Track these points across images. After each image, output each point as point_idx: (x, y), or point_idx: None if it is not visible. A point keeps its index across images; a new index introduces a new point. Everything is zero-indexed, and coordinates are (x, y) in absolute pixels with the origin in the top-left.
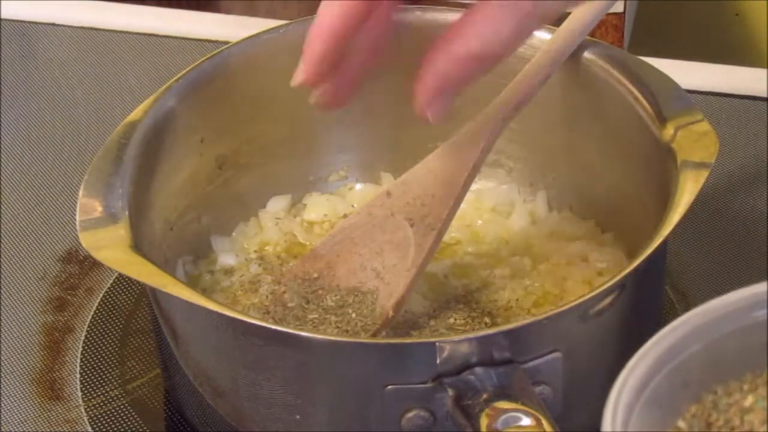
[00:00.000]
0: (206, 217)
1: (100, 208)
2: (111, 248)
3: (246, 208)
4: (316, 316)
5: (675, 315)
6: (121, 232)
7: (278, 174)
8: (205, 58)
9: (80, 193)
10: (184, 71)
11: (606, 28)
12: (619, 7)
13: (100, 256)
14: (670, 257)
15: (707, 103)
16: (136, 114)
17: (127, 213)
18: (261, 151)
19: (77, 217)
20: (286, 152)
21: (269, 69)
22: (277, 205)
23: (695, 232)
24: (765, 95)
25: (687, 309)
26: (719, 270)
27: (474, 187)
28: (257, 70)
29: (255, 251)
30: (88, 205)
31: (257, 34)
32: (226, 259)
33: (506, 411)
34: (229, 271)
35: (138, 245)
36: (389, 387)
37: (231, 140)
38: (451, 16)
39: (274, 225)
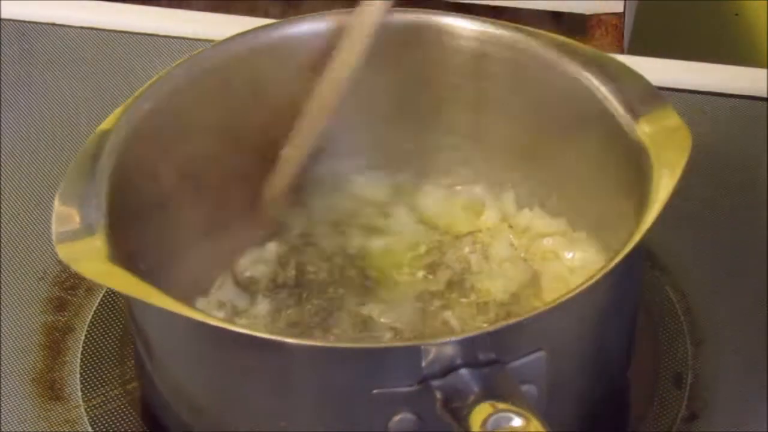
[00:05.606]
0: None
1: (77, 219)
2: (89, 260)
3: None
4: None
5: (675, 315)
6: (97, 243)
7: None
8: (176, 63)
9: (55, 203)
10: (154, 78)
11: (606, 28)
12: (619, 7)
13: (78, 268)
14: (670, 257)
15: (707, 103)
16: (108, 123)
17: (103, 223)
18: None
19: (53, 229)
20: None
21: (245, 76)
22: None
23: (695, 231)
24: (765, 95)
25: (687, 309)
26: (719, 270)
27: (445, 186)
28: (236, 74)
29: None
30: (64, 216)
31: (232, 37)
32: None
33: (496, 412)
34: None
35: (116, 256)
36: (375, 391)
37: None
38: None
39: None
